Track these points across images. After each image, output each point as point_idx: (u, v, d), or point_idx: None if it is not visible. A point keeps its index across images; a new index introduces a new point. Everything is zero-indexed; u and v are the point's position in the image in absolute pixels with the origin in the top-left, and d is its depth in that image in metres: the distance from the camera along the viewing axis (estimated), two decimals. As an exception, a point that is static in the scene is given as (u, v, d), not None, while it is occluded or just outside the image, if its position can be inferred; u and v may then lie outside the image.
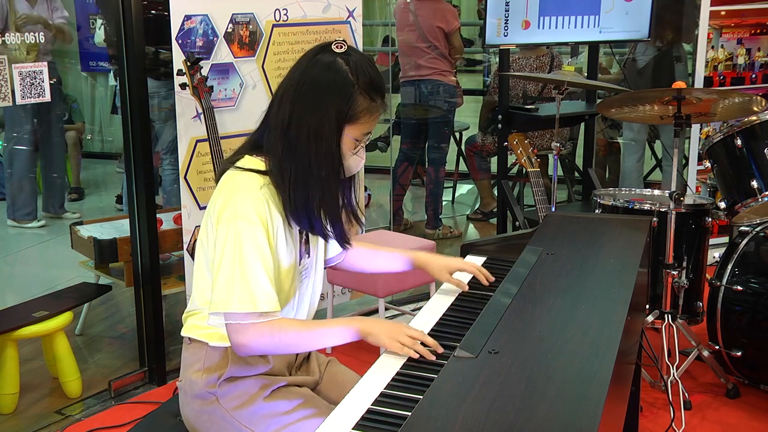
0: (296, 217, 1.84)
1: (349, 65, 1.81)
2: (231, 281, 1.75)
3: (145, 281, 3.39)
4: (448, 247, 5.34)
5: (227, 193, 1.81)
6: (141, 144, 3.28)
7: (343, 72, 1.80)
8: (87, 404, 3.32)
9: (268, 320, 1.77)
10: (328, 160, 1.81)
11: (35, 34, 3.28)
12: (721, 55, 4.69)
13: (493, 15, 4.01)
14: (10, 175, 5.26)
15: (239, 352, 1.81)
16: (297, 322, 1.86)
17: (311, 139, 1.80)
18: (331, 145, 1.81)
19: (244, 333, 1.76)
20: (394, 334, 1.76)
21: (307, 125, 1.80)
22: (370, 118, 1.84)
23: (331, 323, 1.85)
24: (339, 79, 1.80)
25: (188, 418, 1.94)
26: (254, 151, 1.88)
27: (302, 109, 1.81)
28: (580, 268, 2.06)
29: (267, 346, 1.80)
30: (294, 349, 1.91)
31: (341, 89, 1.80)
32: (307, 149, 1.80)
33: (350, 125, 1.82)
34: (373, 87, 1.82)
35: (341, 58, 1.81)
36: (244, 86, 3.42)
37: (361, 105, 1.81)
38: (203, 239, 1.88)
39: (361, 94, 1.80)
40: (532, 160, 3.50)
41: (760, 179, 3.29)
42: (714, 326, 3.24)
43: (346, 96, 1.79)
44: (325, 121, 1.80)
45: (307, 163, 1.80)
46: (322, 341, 1.84)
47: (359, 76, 1.80)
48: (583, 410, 1.34)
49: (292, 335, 1.80)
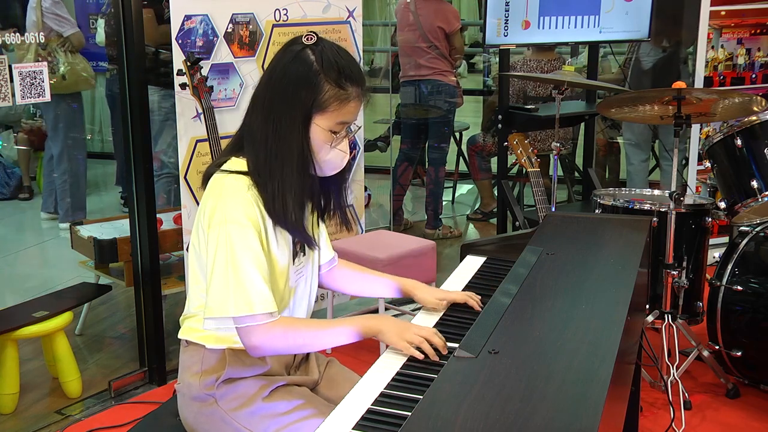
0: (271, 215, 1.81)
1: (315, 54, 1.79)
2: (226, 286, 1.74)
3: (145, 281, 3.39)
4: (448, 247, 5.34)
5: (216, 197, 1.80)
6: (141, 144, 3.28)
7: (309, 62, 1.79)
8: (87, 404, 3.32)
9: (276, 319, 1.77)
10: (296, 153, 1.79)
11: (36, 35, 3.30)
12: (721, 55, 4.68)
13: (493, 15, 4.01)
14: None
15: (253, 354, 1.81)
16: (308, 322, 1.87)
17: (280, 133, 1.79)
18: (298, 138, 1.79)
19: (256, 334, 1.76)
20: (403, 333, 1.76)
21: (277, 119, 1.79)
22: (341, 106, 1.80)
23: (341, 322, 1.85)
24: (304, 69, 1.78)
25: (187, 421, 1.94)
26: (239, 152, 1.87)
27: (273, 103, 1.80)
28: (580, 268, 2.06)
29: (281, 347, 1.80)
30: (306, 349, 1.91)
31: (306, 78, 1.78)
32: (277, 144, 1.79)
33: (319, 115, 1.79)
34: (342, 74, 1.79)
35: (309, 48, 1.80)
36: (244, 86, 3.42)
37: (328, 93, 1.78)
38: (195, 243, 1.87)
39: (328, 81, 1.78)
40: (532, 160, 3.50)
41: (760, 179, 3.29)
42: (714, 326, 3.24)
43: (311, 85, 1.78)
44: (293, 112, 1.78)
45: (278, 159, 1.79)
46: (334, 340, 1.84)
47: (325, 64, 1.78)
48: (583, 410, 1.34)
49: (305, 334, 1.80)
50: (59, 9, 4.57)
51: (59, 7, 4.56)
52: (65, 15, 4.65)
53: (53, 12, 4.53)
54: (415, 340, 1.74)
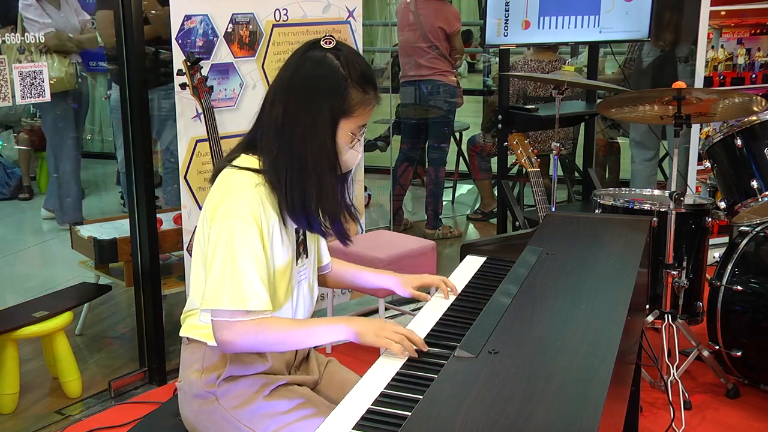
0: (294, 216, 1.84)
1: (340, 60, 1.82)
2: (222, 278, 1.75)
3: (145, 281, 3.39)
4: (448, 247, 5.34)
5: (222, 191, 1.82)
6: (141, 144, 3.28)
7: (335, 67, 1.82)
8: (87, 404, 3.32)
9: (254, 318, 1.77)
10: (324, 155, 1.82)
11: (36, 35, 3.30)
12: (721, 55, 4.69)
13: (493, 15, 4.01)
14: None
15: (224, 349, 1.81)
16: (284, 321, 1.86)
17: (306, 136, 1.81)
18: (326, 141, 1.82)
19: (229, 330, 1.76)
20: (381, 332, 1.77)
21: (302, 122, 1.81)
22: (364, 111, 1.85)
23: (318, 322, 1.85)
24: (331, 74, 1.81)
25: (188, 418, 1.94)
26: (249, 150, 1.89)
27: (296, 106, 1.82)
28: (580, 268, 2.06)
29: (251, 344, 1.80)
30: (279, 348, 1.90)
31: (334, 84, 1.81)
32: (302, 146, 1.81)
33: (345, 119, 1.83)
34: (365, 79, 1.83)
35: (331, 53, 1.83)
36: (244, 86, 3.42)
37: (355, 98, 1.82)
38: (200, 237, 1.88)
39: (354, 87, 1.82)
40: (532, 160, 3.50)
41: (760, 179, 3.29)
42: (714, 326, 3.24)
43: (340, 90, 1.81)
44: (319, 116, 1.81)
45: (304, 161, 1.81)
46: (308, 340, 1.84)
47: (351, 70, 1.82)
48: (583, 410, 1.34)
49: (277, 334, 1.80)
50: (28, 12, 4.57)
51: (29, 10, 4.57)
52: (33, 17, 4.66)
53: (24, 16, 4.55)
54: (393, 337, 1.75)
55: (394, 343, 1.74)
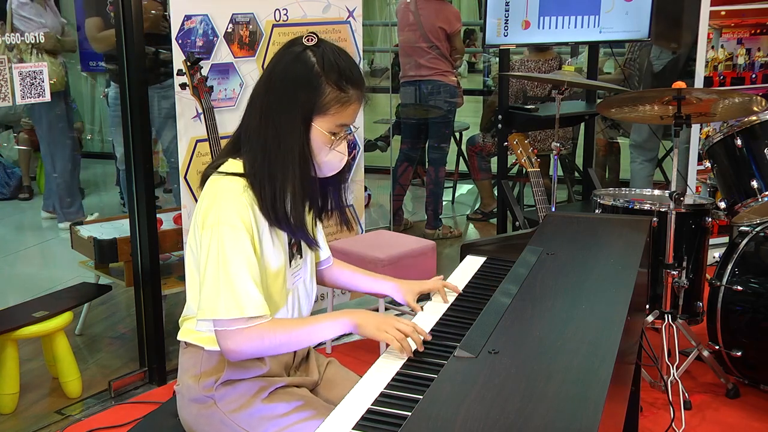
0: (267, 216, 1.81)
1: (317, 56, 1.78)
2: (216, 288, 1.73)
3: (145, 281, 3.39)
4: (448, 247, 5.34)
5: (210, 199, 1.79)
6: (141, 144, 3.28)
7: (310, 63, 1.78)
8: (87, 404, 3.32)
9: (256, 324, 1.75)
10: (297, 155, 1.78)
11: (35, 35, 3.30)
12: (721, 55, 4.68)
13: (493, 15, 4.01)
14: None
15: (230, 358, 1.80)
16: (286, 322, 1.85)
17: (280, 135, 1.78)
18: (298, 140, 1.78)
19: (232, 339, 1.75)
20: (382, 326, 1.77)
21: (276, 120, 1.78)
22: (342, 109, 1.80)
23: (320, 318, 1.84)
24: (305, 71, 1.78)
25: (186, 422, 1.94)
26: (235, 154, 1.86)
27: (272, 104, 1.80)
28: (580, 268, 2.06)
29: (258, 350, 1.79)
30: (286, 349, 1.88)
31: (306, 81, 1.77)
32: (275, 146, 1.78)
33: (320, 117, 1.79)
34: (343, 77, 1.78)
35: (310, 50, 1.80)
36: (244, 86, 3.42)
37: (329, 95, 1.78)
38: (192, 245, 1.87)
39: (330, 84, 1.77)
40: (532, 160, 3.50)
41: (760, 179, 3.29)
42: (714, 326, 3.24)
43: (313, 87, 1.77)
44: (292, 114, 1.78)
45: (275, 161, 1.78)
46: (313, 337, 1.83)
47: (326, 66, 1.77)
48: (583, 410, 1.34)
49: (281, 336, 1.79)
50: (24, 10, 4.57)
51: (25, 9, 4.56)
52: (30, 16, 4.65)
53: (18, 13, 4.55)
54: (395, 335, 1.75)
55: (394, 340, 1.74)
